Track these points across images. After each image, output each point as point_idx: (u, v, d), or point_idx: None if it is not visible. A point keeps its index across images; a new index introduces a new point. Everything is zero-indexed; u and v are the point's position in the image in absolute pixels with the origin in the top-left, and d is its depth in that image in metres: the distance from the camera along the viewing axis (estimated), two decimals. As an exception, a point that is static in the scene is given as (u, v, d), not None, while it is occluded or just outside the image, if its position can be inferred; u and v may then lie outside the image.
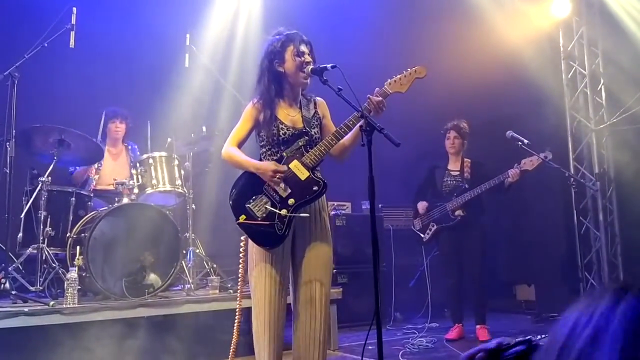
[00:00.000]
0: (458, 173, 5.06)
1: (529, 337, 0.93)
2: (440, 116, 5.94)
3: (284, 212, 2.70)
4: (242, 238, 2.83)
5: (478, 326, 4.92)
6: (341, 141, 2.81)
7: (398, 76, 2.81)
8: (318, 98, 3.01)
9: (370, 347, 3.42)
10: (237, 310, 2.96)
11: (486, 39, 6.33)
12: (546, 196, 6.32)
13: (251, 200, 2.73)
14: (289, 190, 2.73)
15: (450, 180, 5.06)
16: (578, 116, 6.39)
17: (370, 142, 2.50)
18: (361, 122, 2.62)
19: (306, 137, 2.85)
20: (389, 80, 2.81)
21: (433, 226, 5.07)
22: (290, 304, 2.84)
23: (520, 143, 4.56)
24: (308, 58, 2.83)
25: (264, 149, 2.88)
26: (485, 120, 6.32)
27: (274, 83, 2.86)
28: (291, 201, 2.72)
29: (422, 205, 5.15)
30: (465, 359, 0.89)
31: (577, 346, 0.69)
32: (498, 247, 6.59)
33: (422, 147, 6.18)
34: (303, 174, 2.75)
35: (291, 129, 2.83)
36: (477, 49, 6.38)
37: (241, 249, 2.85)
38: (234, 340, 2.98)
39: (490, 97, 6.44)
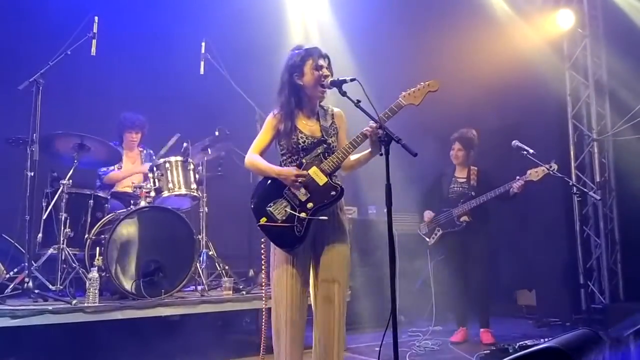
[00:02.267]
0: (465, 180, 5.19)
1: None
2: (447, 123, 6.08)
3: (303, 214, 2.83)
4: (262, 240, 2.97)
5: (482, 329, 5.04)
6: (353, 157, 2.98)
7: (412, 89, 2.92)
8: (336, 109, 3.13)
9: (376, 349, 3.55)
10: (263, 310, 3.05)
11: (492, 50, 6.46)
12: (548, 203, 6.45)
13: (271, 204, 2.87)
14: (308, 195, 2.87)
15: (457, 187, 5.19)
16: (580, 126, 6.52)
17: (388, 152, 2.63)
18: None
19: (324, 145, 2.99)
20: (403, 93, 2.92)
21: (439, 231, 5.22)
22: (310, 304, 2.96)
23: (525, 152, 4.69)
24: (326, 72, 2.97)
25: (284, 157, 3.01)
26: (490, 128, 6.44)
27: (294, 95, 3.00)
28: (310, 205, 2.85)
29: (428, 215, 5.31)
30: None
31: None
32: (500, 252, 6.71)
33: (429, 153, 6.30)
34: (321, 179, 2.88)
35: (310, 138, 2.97)
36: (483, 59, 6.52)
37: (262, 251, 2.99)
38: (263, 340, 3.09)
39: (495, 106, 6.58)
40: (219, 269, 4.96)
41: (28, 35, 5.19)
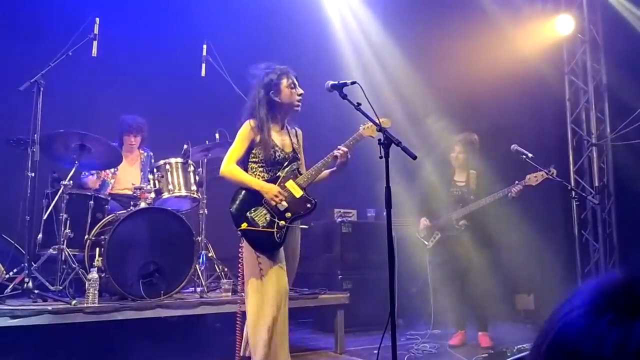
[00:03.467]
0: (464, 184, 5.19)
1: None
2: (446, 126, 6.10)
3: (282, 222, 3.14)
4: (241, 245, 3.22)
5: (480, 333, 5.05)
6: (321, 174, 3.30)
7: (369, 123, 3.19)
8: (299, 129, 3.50)
9: (374, 352, 3.56)
10: (237, 313, 3.38)
11: (491, 54, 6.48)
12: (547, 208, 6.46)
13: (252, 210, 3.14)
14: (286, 205, 3.16)
15: (456, 191, 5.19)
16: (579, 130, 6.55)
17: (387, 155, 2.66)
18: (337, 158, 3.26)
19: (298, 162, 3.33)
20: (362, 126, 3.28)
21: (437, 234, 5.22)
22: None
23: (524, 156, 4.68)
24: (300, 90, 3.29)
25: (255, 165, 3.26)
26: (489, 132, 6.45)
27: (269, 111, 3.26)
28: (288, 214, 3.17)
29: (423, 222, 5.34)
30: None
31: None
32: (498, 256, 6.71)
33: (428, 157, 6.33)
34: (297, 192, 3.22)
35: (283, 152, 3.27)
36: (482, 63, 6.54)
37: (240, 255, 3.23)
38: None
39: (495, 110, 6.59)
40: (218, 270, 4.97)
41: (29, 36, 5.20)
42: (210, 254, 4.98)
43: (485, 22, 6.42)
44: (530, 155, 4.60)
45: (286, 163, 3.25)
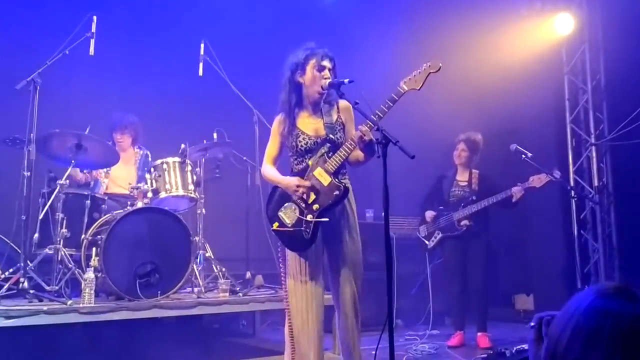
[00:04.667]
0: (466, 184, 5.16)
1: None
2: (445, 127, 6.08)
3: (309, 217, 2.92)
4: (279, 244, 3.06)
5: (479, 334, 5.04)
6: (355, 153, 2.98)
7: (413, 74, 2.89)
8: (342, 101, 3.08)
9: (372, 352, 3.53)
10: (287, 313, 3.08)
11: (490, 54, 6.47)
12: (546, 207, 6.44)
13: (282, 209, 2.97)
14: (314, 197, 2.94)
15: (457, 191, 5.17)
16: (579, 130, 6.52)
17: (385, 154, 2.62)
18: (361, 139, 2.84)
19: (329, 144, 3.02)
20: (404, 79, 2.89)
21: (438, 234, 5.19)
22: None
23: (524, 156, 4.68)
24: (327, 74, 2.99)
25: (292, 158, 3.10)
26: (488, 132, 6.42)
27: (294, 93, 3.03)
28: (315, 207, 2.93)
29: (429, 214, 5.25)
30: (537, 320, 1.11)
31: None
32: (498, 256, 6.70)
33: (428, 157, 6.31)
34: (326, 180, 2.94)
35: (313, 138, 3.01)
36: (481, 63, 6.52)
37: (279, 254, 3.08)
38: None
39: (494, 110, 6.57)
40: (215, 270, 4.94)
41: (26, 34, 5.17)
42: (208, 254, 4.95)
43: (483, 21, 6.39)
44: (529, 154, 4.60)
45: (315, 149, 3.00)
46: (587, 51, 6.50)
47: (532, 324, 1.17)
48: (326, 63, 3.00)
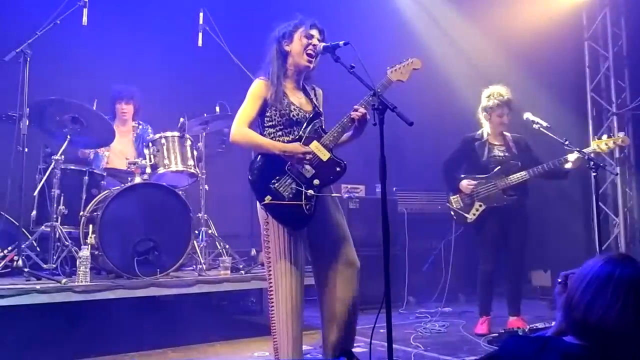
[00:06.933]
0: (504, 148, 4.57)
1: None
2: (458, 98, 5.86)
3: (310, 192, 2.75)
4: (266, 220, 2.82)
5: (514, 317, 4.45)
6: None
7: (398, 65, 2.84)
8: (318, 88, 3.09)
9: (381, 331, 3.39)
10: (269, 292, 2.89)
11: (507, 21, 6.22)
12: (563, 181, 6.20)
13: (274, 181, 2.75)
14: (313, 171, 2.79)
15: (497, 156, 4.53)
16: (599, 99, 6.27)
17: (382, 121, 2.44)
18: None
19: (321, 119, 2.92)
20: (389, 69, 2.84)
21: (481, 206, 4.48)
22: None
23: (539, 126, 4.34)
24: (315, 41, 2.88)
25: (272, 129, 2.88)
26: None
27: (281, 62, 2.91)
28: (316, 182, 2.79)
29: (468, 183, 4.51)
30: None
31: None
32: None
33: (439, 130, 6.11)
34: (324, 154, 2.81)
35: (302, 111, 2.88)
36: (499, 30, 6.27)
37: (264, 231, 2.83)
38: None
39: (511, 78, 6.30)
40: (219, 247, 4.82)
41: (14, 3, 5.00)
42: (210, 231, 4.82)
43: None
44: (544, 124, 4.29)
45: (306, 122, 2.84)
46: (608, 15, 6.25)
47: (559, 280, 1.59)
48: (314, 32, 2.89)
